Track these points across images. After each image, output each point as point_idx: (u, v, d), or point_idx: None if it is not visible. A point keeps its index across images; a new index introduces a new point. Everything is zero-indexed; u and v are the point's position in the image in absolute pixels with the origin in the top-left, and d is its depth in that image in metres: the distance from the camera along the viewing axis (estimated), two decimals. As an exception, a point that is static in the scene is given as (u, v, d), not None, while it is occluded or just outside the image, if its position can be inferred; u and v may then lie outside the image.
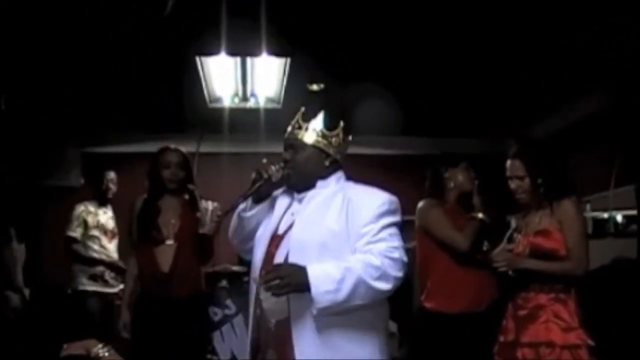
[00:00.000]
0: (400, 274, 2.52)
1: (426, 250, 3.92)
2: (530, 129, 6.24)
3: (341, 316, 2.49)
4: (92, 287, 5.35)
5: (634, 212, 5.32)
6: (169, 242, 3.92)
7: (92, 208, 5.52)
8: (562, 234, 3.19)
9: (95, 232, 5.45)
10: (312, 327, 2.48)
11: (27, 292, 4.48)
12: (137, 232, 4.01)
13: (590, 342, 3.08)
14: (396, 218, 2.64)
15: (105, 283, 5.40)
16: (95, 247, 5.44)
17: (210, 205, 3.82)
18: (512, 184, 3.36)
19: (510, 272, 3.27)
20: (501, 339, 3.32)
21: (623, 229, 5.86)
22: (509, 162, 3.38)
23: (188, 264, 3.93)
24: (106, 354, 2.02)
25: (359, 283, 2.43)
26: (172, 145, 4.12)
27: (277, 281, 2.39)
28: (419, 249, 3.98)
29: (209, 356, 5.14)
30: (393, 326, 5.09)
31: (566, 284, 3.17)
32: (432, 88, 5.37)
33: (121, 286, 5.38)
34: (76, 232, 5.40)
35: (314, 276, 2.40)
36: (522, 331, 3.20)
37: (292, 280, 2.40)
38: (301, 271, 2.42)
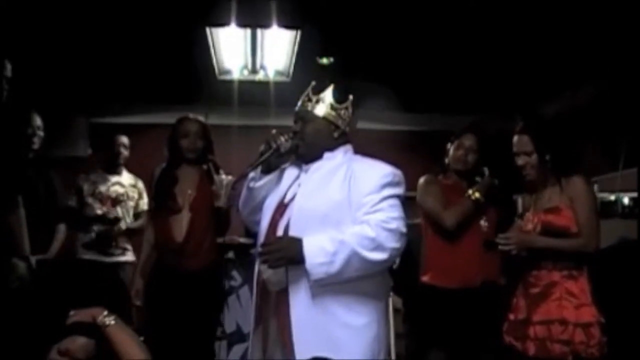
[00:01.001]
0: (397, 245, 2.56)
1: (424, 225, 3.91)
2: (538, 110, 6.21)
3: (339, 286, 2.53)
4: (86, 255, 5.23)
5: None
6: (184, 212, 3.87)
7: (92, 177, 5.38)
8: (572, 211, 3.16)
9: (89, 200, 5.28)
10: (309, 297, 2.53)
11: (33, 260, 4.47)
12: (154, 200, 4.00)
13: (602, 319, 3.08)
14: (398, 190, 2.66)
15: (101, 252, 5.27)
16: (89, 214, 5.27)
17: (225, 178, 3.82)
18: (520, 160, 3.29)
19: (520, 252, 3.22)
20: (511, 317, 3.29)
21: (630, 211, 5.84)
22: (516, 138, 3.31)
23: (202, 234, 3.88)
24: (112, 322, 2.04)
25: (353, 255, 2.49)
26: (191, 115, 4.03)
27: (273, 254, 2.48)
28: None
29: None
30: (398, 302, 5.10)
31: (577, 260, 3.15)
32: (441, 64, 5.34)
33: (125, 258, 5.37)
34: (72, 201, 5.25)
35: (308, 249, 2.48)
36: (534, 309, 3.17)
37: (286, 254, 2.49)
38: (296, 244, 2.49)
